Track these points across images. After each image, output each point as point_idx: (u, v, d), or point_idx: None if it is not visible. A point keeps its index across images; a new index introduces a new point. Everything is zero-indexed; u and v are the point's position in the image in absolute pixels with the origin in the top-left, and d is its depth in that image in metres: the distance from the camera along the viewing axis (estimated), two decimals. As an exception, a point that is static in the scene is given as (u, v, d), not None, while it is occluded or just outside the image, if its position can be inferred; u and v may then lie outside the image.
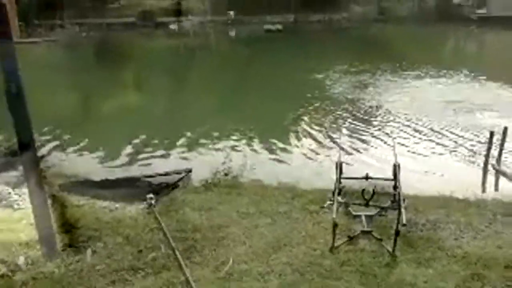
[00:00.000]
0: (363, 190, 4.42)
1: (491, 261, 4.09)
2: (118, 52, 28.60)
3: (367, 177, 5.16)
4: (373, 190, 4.38)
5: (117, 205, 5.49)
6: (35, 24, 35.25)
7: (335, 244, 4.29)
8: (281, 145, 9.10)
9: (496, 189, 7.28)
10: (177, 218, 5.14)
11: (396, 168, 5.04)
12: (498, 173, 7.53)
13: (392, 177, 5.13)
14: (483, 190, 7.26)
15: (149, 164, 7.93)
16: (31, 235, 4.38)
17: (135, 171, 7.32)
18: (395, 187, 5.15)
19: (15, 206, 5.37)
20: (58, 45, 30.41)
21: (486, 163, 7.75)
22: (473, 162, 8.07)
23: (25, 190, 4.78)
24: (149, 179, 6.41)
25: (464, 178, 7.23)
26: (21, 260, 4.15)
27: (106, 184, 6.15)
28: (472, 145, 8.88)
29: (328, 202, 4.96)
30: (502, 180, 7.34)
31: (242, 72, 19.38)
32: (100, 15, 39.39)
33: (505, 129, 7.68)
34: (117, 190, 5.83)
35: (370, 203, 4.44)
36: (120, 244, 4.52)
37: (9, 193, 5.62)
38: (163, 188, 6.07)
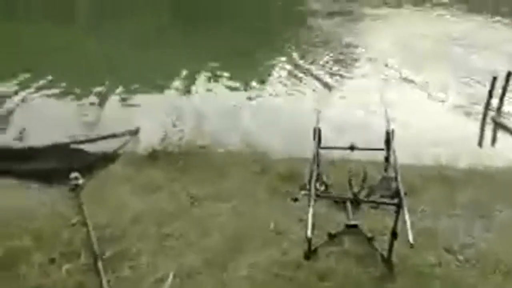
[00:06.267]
0: (350, 179, 3.26)
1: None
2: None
3: (352, 148, 3.97)
4: (364, 175, 3.23)
5: (30, 188, 4.26)
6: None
7: (312, 248, 3.23)
8: (250, 94, 7.80)
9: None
10: (111, 204, 3.97)
11: (389, 136, 3.87)
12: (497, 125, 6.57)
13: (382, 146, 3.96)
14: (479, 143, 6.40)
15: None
16: None
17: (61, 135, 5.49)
18: (386, 159, 4.04)
19: None
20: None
21: (485, 115, 6.77)
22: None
23: None
24: (80, 147, 5.09)
25: (460, 134, 6.24)
26: None
27: (16, 155, 4.74)
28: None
29: (302, 193, 3.83)
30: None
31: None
32: None
33: (509, 74, 6.60)
34: (33, 164, 4.53)
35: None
36: (27, 249, 3.35)
37: None
38: (98, 159, 4.81)
